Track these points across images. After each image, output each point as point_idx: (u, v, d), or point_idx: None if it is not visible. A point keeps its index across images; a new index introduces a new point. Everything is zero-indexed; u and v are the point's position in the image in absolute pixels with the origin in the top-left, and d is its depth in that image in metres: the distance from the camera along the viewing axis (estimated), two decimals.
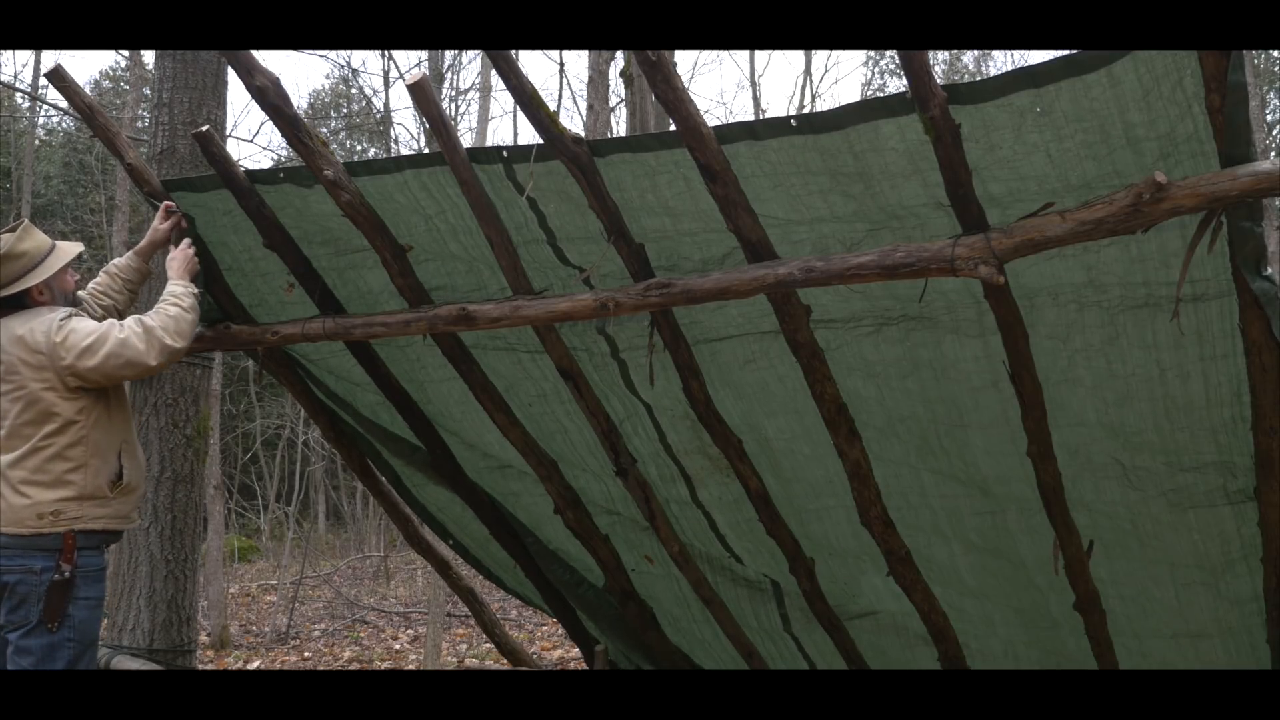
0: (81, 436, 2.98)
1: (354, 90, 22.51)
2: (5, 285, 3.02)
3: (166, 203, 3.32)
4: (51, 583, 2.89)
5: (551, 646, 8.27)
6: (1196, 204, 2.05)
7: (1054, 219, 2.19)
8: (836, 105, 2.38)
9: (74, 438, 2.96)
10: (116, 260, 3.46)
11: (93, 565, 2.99)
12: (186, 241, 3.33)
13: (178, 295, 3.13)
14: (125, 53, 13.98)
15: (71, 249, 3.18)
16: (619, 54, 10.53)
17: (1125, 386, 2.61)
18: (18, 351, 2.94)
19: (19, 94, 17.95)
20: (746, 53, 19.80)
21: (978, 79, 2.25)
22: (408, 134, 29.59)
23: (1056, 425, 2.73)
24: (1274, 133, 18.36)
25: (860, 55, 28.00)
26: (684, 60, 39.59)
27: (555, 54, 17.09)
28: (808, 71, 23.69)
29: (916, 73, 2.14)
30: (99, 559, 3.03)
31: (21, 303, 3.05)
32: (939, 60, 21.75)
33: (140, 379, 3.11)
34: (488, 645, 8.12)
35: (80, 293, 3.30)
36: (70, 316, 3.00)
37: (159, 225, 3.31)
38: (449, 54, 14.83)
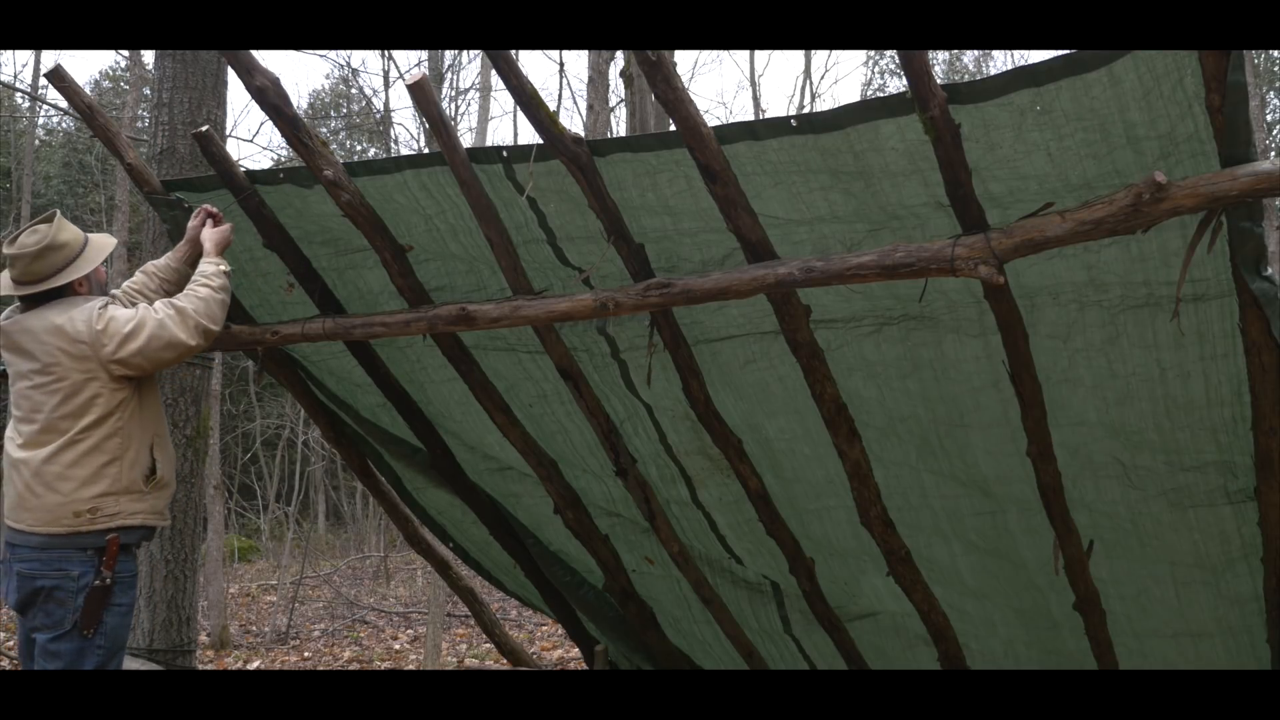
0: (118, 428, 2.91)
1: (354, 90, 22.52)
2: (49, 276, 2.97)
3: (205, 205, 3.25)
4: (91, 589, 2.81)
5: (551, 646, 8.26)
6: (1196, 204, 2.05)
7: (1054, 219, 2.19)
8: (836, 105, 2.38)
9: (111, 429, 2.89)
10: (155, 261, 3.39)
11: (128, 571, 2.93)
12: (223, 219, 3.24)
13: (208, 275, 3.05)
14: (125, 53, 13.97)
15: (108, 241, 3.14)
16: (619, 54, 10.53)
17: (1126, 386, 2.61)
18: (57, 342, 2.88)
19: (19, 94, 17.97)
20: (746, 53, 19.81)
21: (978, 79, 2.25)
22: (408, 134, 29.66)
23: (1057, 425, 2.73)
24: (1274, 133, 18.36)
25: (860, 55, 28.04)
26: (684, 60, 39.60)
27: (555, 54, 17.10)
28: (808, 71, 23.72)
29: (916, 73, 2.14)
30: (133, 564, 2.97)
31: (61, 294, 3.00)
32: (939, 60, 21.75)
33: (179, 362, 3.09)
34: (488, 645, 8.12)
35: (114, 290, 3.27)
36: (107, 305, 2.96)
37: (193, 224, 3.24)
38: (449, 54, 14.83)
